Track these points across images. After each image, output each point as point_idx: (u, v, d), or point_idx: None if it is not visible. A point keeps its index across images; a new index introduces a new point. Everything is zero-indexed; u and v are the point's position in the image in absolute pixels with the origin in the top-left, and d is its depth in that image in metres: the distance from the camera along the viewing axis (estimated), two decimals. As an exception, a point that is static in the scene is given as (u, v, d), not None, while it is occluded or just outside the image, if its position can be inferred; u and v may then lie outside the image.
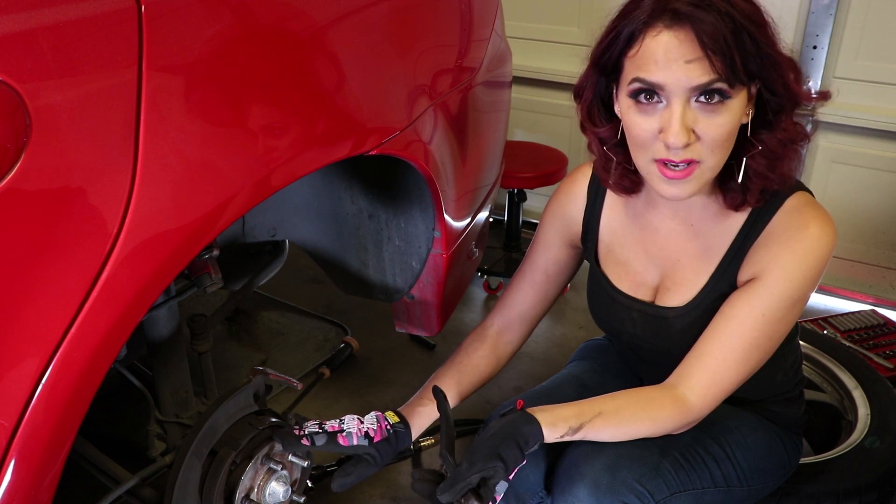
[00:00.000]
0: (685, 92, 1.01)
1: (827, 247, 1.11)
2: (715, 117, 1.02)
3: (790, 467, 1.38)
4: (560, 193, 1.39)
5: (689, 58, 0.99)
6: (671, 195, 1.08)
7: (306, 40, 1.07)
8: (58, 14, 0.75)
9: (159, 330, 1.35)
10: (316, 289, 2.82)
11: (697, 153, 1.04)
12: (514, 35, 2.52)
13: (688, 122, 1.02)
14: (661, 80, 1.02)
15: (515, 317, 1.44)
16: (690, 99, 1.02)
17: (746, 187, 1.12)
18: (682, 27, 0.99)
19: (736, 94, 1.02)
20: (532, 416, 1.11)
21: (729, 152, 1.07)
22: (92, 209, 0.80)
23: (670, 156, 1.04)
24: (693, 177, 1.06)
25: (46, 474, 0.85)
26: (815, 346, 1.98)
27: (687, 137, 1.02)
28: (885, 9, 2.39)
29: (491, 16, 1.70)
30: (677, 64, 1.00)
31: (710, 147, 1.04)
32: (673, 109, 1.02)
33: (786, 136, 1.09)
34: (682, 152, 1.03)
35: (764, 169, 1.10)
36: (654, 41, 1.01)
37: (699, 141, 1.03)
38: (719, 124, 1.02)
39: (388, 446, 1.24)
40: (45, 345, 0.80)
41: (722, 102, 1.01)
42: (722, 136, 1.03)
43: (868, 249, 2.69)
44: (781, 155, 1.10)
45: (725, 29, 0.98)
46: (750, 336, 1.13)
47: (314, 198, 1.64)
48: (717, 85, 1.00)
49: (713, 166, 1.06)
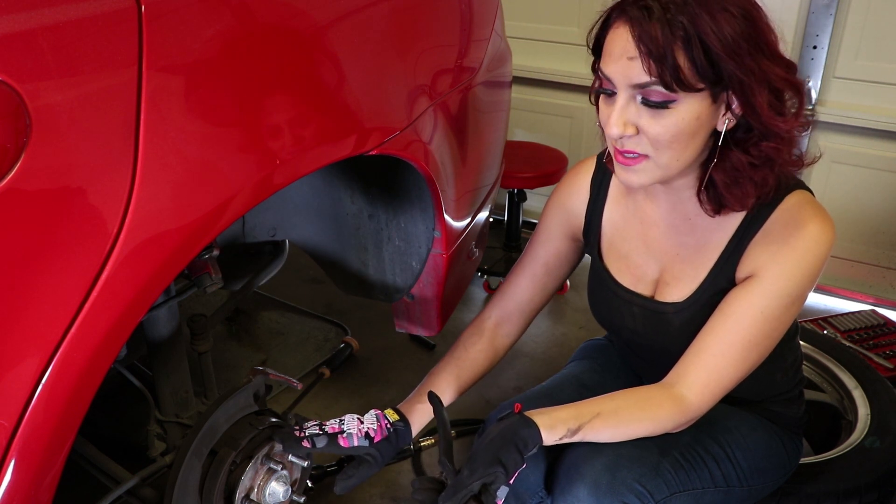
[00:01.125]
0: (627, 88, 1.04)
1: (826, 245, 1.11)
2: (658, 118, 1.03)
3: (790, 467, 1.38)
4: (563, 186, 1.39)
5: (632, 54, 1.01)
6: (623, 181, 1.12)
7: (306, 40, 1.07)
8: (58, 14, 0.75)
9: (159, 330, 1.35)
10: (316, 289, 2.82)
11: (642, 146, 1.06)
12: (514, 35, 2.52)
13: (629, 117, 1.05)
14: (609, 73, 1.05)
15: (514, 309, 1.44)
16: (635, 96, 1.04)
17: (718, 199, 1.12)
18: (630, 24, 1.01)
19: (683, 100, 1.01)
20: (530, 420, 1.11)
21: (689, 153, 1.07)
22: (92, 209, 0.80)
23: (617, 144, 1.08)
24: (641, 168, 1.08)
25: (46, 474, 0.85)
26: (815, 346, 1.98)
27: (621, 130, 1.05)
28: (885, 9, 2.39)
29: (491, 16, 1.70)
30: (622, 60, 1.02)
31: (653, 145, 1.05)
32: (616, 103, 1.05)
33: (754, 161, 1.07)
34: (627, 143, 1.07)
35: (723, 184, 1.10)
36: (613, 34, 1.04)
37: (643, 135, 1.05)
38: (662, 125, 1.03)
39: (389, 445, 1.24)
40: (45, 345, 0.80)
41: (665, 106, 1.02)
42: (665, 137, 1.04)
43: (868, 249, 2.69)
44: (743, 176, 1.08)
45: (669, 34, 0.98)
46: (748, 333, 1.13)
47: (314, 198, 1.64)
48: (654, 87, 1.01)
49: (665, 164, 1.07)
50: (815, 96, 2.57)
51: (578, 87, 3.01)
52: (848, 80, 2.53)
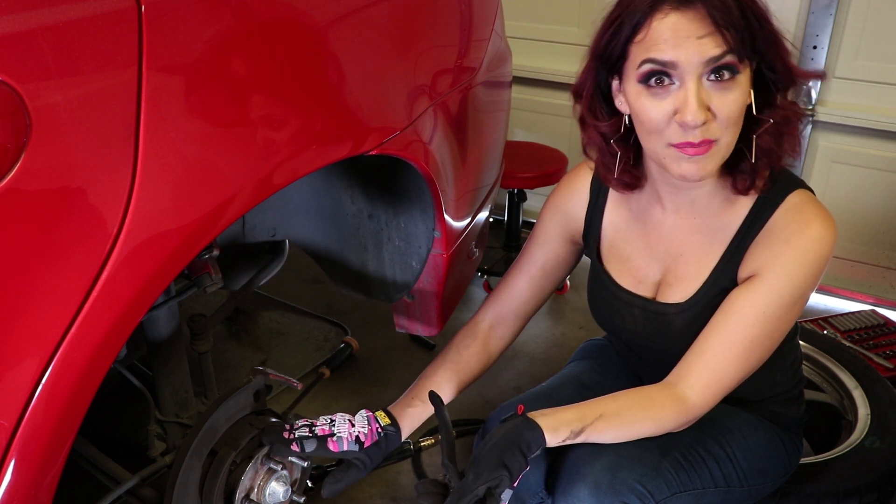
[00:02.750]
0: (698, 68, 1.02)
1: (828, 246, 1.11)
2: (728, 94, 1.03)
3: (790, 467, 1.38)
4: (561, 189, 1.39)
5: (701, 34, 1.01)
6: (691, 174, 1.07)
7: (306, 40, 1.07)
8: (58, 14, 0.75)
9: (159, 330, 1.35)
10: (316, 289, 2.81)
11: (713, 132, 1.05)
12: (514, 35, 2.52)
13: (703, 100, 1.03)
14: (673, 58, 1.02)
15: (509, 312, 1.43)
16: (703, 77, 1.03)
17: (755, 169, 1.13)
18: (690, 6, 1.01)
19: (744, 69, 1.04)
20: (534, 422, 1.11)
21: (739, 130, 1.08)
22: (92, 209, 0.80)
23: (688, 138, 1.04)
24: (711, 154, 1.06)
25: (46, 474, 0.85)
26: (815, 346, 1.98)
27: (704, 115, 1.02)
28: (884, 9, 2.39)
29: (491, 16, 1.70)
30: (689, 41, 1.01)
31: (724, 124, 1.05)
32: (688, 88, 1.03)
33: (786, 113, 1.11)
34: (700, 132, 1.04)
35: (772, 145, 1.11)
36: (661, 23, 1.03)
37: (715, 119, 1.04)
38: (732, 100, 1.04)
39: (378, 450, 1.24)
40: (46, 345, 0.80)
41: (733, 78, 1.03)
42: (735, 112, 1.05)
43: (868, 249, 2.69)
44: (785, 131, 1.11)
45: (733, 5, 1.01)
46: (750, 334, 1.13)
47: (314, 198, 1.64)
48: (728, 59, 1.01)
49: (727, 144, 1.07)
50: (815, 96, 2.56)
51: (578, 87, 3.00)
52: (848, 80, 2.53)
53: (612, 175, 1.22)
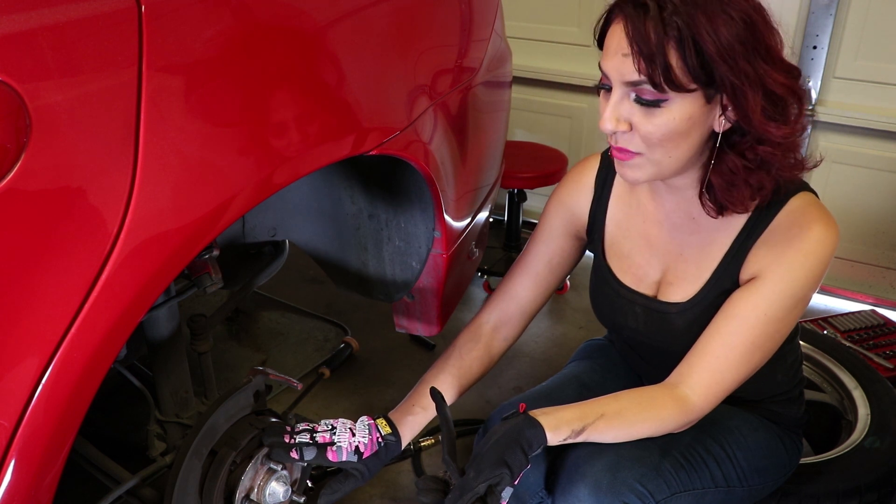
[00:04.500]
0: (621, 85, 1.04)
1: (830, 248, 1.11)
2: (650, 117, 1.03)
3: (790, 467, 1.38)
4: (567, 184, 1.39)
5: (626, 51, 1.01)
6: (621, 175, 1.13)
7: (306, 40, 1.07)
8: (58, 14, 0.75)
9: (159, 330, 1.35)
10: (316, 289, 2.82)
11: (633, 144, 1.07)
12: (514, 35, 2.52)
13: (621, 113, 1.05)
14: (605, 69, 1.05)
15: (514, 311, 1.41)
16: (629, 93, 1.04)
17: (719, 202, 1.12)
18: (625, 21, 1.01)
19: (675, 99, 1.01)
20: (535, 420, 1.11)
21: (682, 152, 1.07)
22: (92, 209, 0.80)
23: (611, 141, 1.09)
24: (635, 164, 1.09)
25: (46, 474, 0.85)
26: (815, 346, 1.98)
27: (614, 126, 1.05)
28: (884, 9, 2.39)
29: (491, 16, 1.70)
30: (617, 56, 1.03)
31: (645, 141, 1.05)
32: (611, 98, 1.05)
33: (749, 164, 1.07)
34: (620, 140, 1.07)
35: (720, 187, 1.10)
36: (612, 29, 1.05)
37: (635, 133, 1.05)
38: (654, 124, 1.03)
39: (377, 460, 1.23)
40: (46, 345, 0.80)
41: (656, 104, 1.02)
42: (656, 135, 1.04)
43: (868, 249, 2.69)
44: (735, 181, 1.08)
45: (662, 33, 0.98)
46: (751, 335, 1.13)
47: (314, 198, 1.64)
48: (645, 87, 1.01)
49: (658, 160, 1.07)
50: (815, 96, 2.57)
51: (578, 87, 3.01)
52: (848, 80, 2.53)
53: None
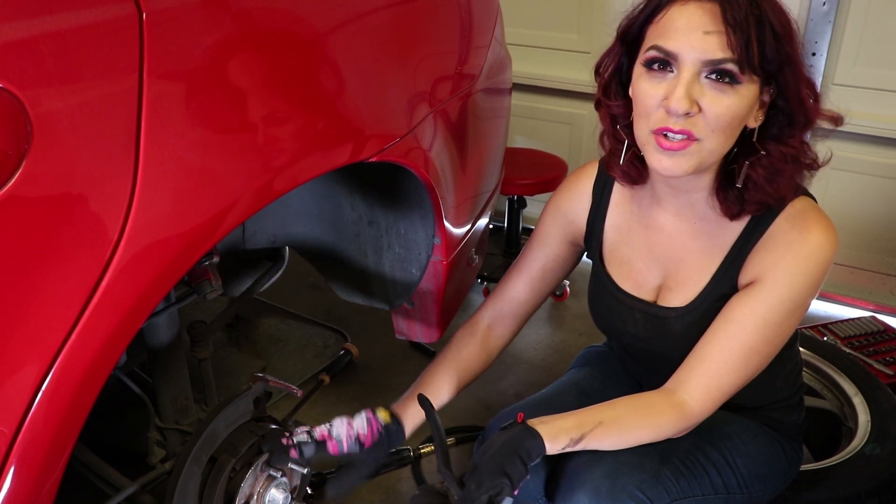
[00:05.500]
0: (696, 64, 1.01)
1: (829, 253, 1.11)
2: (722, 96, 1.02)
3: (790, 474, 1.38)
4: (564, 191, 1.39)
5: (709, 29, 1.00)
6: (665, 168, 1.07)
7: (307, 47, 1.07)
8: (59, 21, 0.75)
9: (159, 337, 1.36)
10: (316, 295, 2.81)
11: (697, 128, 1.03)
12: (514, 42, 2.52)
13: (693, 93, 1.02)
14: (676, 49, 1.02)
15: (507, 312, 1.42)
16: (701, 73, 1.02)
17: (744, 197, 1.12)
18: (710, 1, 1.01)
19: (746, 82, 1.02)
20: (534, 430, 1.11)
21: (730, 141, 1.07)
22: (93, 216, 0.80)
23: (669, 123, 1.04)
24: (689, 152, 1.05)
25: (46, 481, 0.85)
26: (815, 353, 1.98)
27: (689, 105, 1.01)
28: (883, 16, 2.40)
29: (491, 23, 1.70)
30: (696, 34, 1.00)
31: (711, 125, 1.03)
32: (681, 77, 1.02)
33: (791, 152, 1.09)
34: (682, 122, 1.03)
35: (762, 180, 1.09)
36: (678, 11, 1.03)
37: (702, 115, 1.03)
38: (725, 104, 1.02)
39: (381, 448, 1.22)
40: (46, 351, 0.80)
41: (731, 85, 1.02)
42: (725, 117, 1.03)
43: (868, 256, 2.70)
44: (782, 170, 1.09)
45: (751, 13, 0.99)
46: (750, 340, 1.13)
47: (314, 204, 1.64)
48: (728, 66, 1.00)
49: (711, 149, 1.05)
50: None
51: (578, 94, 3.01)
52: (847, 86, 2.54)
53: (617, 161, 1.21)
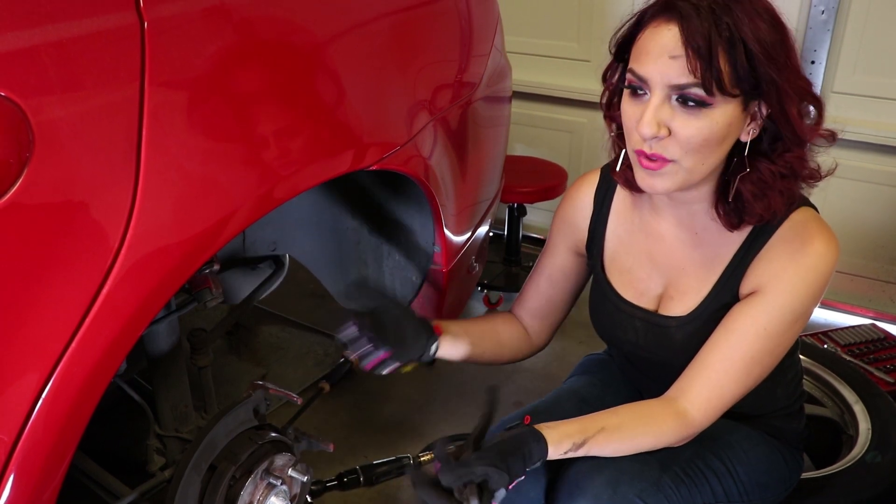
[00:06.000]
0: (664, 88, 1.02)
1: (830, 263, 1.11)
2: (691, 120, 1.02)
3: (791, 482, 1.38)
4: (566, 201, 1.39)
5: (675, 53, 1.00)
6: (647, 186, 1.09)
7: (308, 56, 1.07)
8: (61, 30, 0.76)
9: (159, 344, 1.36)
10: (316, 303, 2.81)
11: (669, 151, 1.04)
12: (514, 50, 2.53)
13: (661, 117, 1.03)
14: (646, 74, 1.03)
15: (525, 318, 1.46)
16: (671, 96, 1.02)
17: (741, 209, 1.12)
18: (675, 22, 1.00)
19: (719, 104, 1.01)
20: (539, 434, 1.10)
21: (714, 160, 1.07)
22: (94, 224, 0.81)
23: (643, 146, 1.06)
24: (666, 172, 1.06)
25: (45, 489, 0.85)
26: (815, 361, 1.97)
27: (655, 130, 1.02)
28: (882, 24, 2.40)
29: (491, 31, 1.71)
30: (663, 58, 1.01)
31: (682, 148, 1.04)
32: (651, 101, 1.03)
33: (781, 170, 1.08)
34: (654, 146, 1.05)
35: (751, 196, 1.09)
36: (650, 33, 1.03)
37: (673, 138, 1.04)
38: (696, 127, 1.02)
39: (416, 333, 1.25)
40: (46, 359, 0.80)
41: (699, 108, 1.01)
42: (696, 139, 1.03)
43: (868, 263, 2.70)
44: (771, 186, 1.09)
45: (717, 35, 0.98)
46: (751, 350, 1.13)
47: (314, 212, 1.64)
48: (693, 90, 1.00)
49: (690, 168, 1.06)
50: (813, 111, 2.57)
51: (578, 102, 3.02)
52: (846, 94, 2.54)
53: (616, 165, 1.22)
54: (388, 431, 2.10)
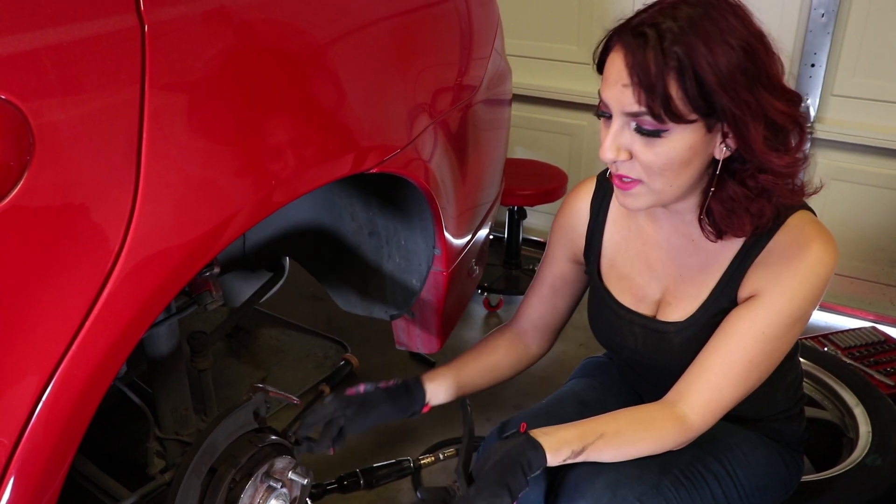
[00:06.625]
0: (622, 115, 1.03)
1: (829, 266, 1.11)
2: (651, 146, 1.03)
3: (791, 485, 1.38)
4: (563, 209, 1.40)
5: (625, 82, 1.00)
6: (622, 203, 1.12)
7: (308, 59, 1.08)
8: (61, 33, 0.76)
9: (159, 347, 1.36)
10: (316, 306, 2.81)
11: (635, 172, 1.07)
12: (515, 53, 2.54)
13: (622, 142, 1.05)
14: (605, 98, 1.05)
15: (529, 328, 1.47)
16: (630, 122, 1.03)
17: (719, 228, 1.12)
18: (624, 51, 1.01)
19: (676, 130, 1.01)
20: (537, 442, 1.11)
21: (684, 181, 1.07)
22: (94, 226, 0.81)
23: (612, 168, 1.09)
24: (636, 193, 1.09)
25: (46, 492, 0.85)
26: (815, 364, 1.97)
27: (614, 155, 1.05)
28: (882, 26, 2.40)
29: (491, 34, 1.71)
30: (617, 86, 1.02)
31: (646, 171, 1.05)
32: (612, 127, 1.05)
33: (750, 192, 1.07)
34: (621, 168, 1.07)
35: (717, 215, 1.10)
36: (611, 57, 1.04)
37: (636, 161, 1.05)
38: (654, 152, 1.03)
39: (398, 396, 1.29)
40: (46, 362, 0.80)
41: (657, 135, 1.01)
42: (656, 165, 1.04)
43: (868, 266, 2.70)
44: (736, 209, 1.08)
45: (662, 63, 0.97)
46: (750, 353, 1.13)
47: (315, 215, 1.64)
48: (645, 118, 1.00)
49: (659, 189, 1.07)
50: (813, 114, 2.58)
51: (578, 105, 3.03)
52: (846, 97, 2.54)
53: None
54: (388, 434, 2.10)
